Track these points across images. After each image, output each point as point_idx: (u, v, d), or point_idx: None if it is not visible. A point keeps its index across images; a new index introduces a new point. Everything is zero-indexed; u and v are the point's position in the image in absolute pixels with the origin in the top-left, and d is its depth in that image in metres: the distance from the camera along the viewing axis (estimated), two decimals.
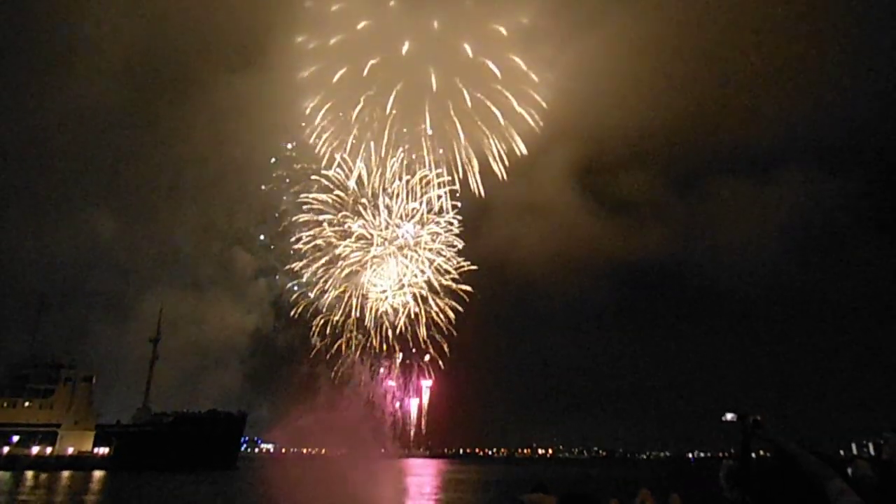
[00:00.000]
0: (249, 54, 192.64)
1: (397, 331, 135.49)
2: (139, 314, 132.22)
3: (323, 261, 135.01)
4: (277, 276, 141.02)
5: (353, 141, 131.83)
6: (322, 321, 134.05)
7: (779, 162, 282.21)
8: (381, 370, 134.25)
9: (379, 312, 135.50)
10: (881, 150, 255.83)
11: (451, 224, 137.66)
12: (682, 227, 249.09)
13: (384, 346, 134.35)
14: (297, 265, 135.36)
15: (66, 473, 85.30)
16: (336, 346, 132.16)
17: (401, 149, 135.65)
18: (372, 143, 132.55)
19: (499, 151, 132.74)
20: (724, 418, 4.25)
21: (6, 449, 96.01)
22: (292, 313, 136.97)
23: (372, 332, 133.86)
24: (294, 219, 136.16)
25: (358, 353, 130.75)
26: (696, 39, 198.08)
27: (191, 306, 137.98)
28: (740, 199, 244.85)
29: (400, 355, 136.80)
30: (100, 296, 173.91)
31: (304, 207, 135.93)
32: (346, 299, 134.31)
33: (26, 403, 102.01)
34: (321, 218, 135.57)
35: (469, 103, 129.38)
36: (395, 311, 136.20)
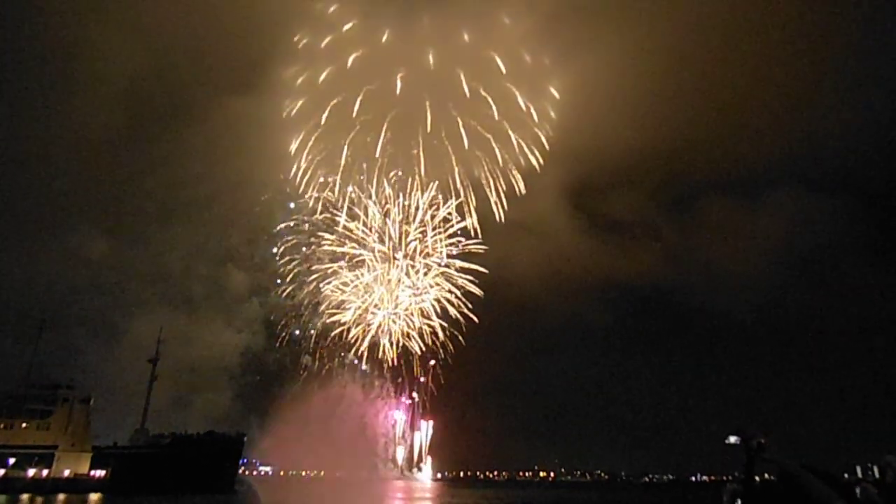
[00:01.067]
0: (246, 79, 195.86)
1: (391, 353, 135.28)
2: (130, 335, 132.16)
3: (315, 282, 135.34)
4: (270, 296, 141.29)
5: (346, 162, 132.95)
6: (314, 341, 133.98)
7: (769, 183, 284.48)
8: (375, 391, 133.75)
9: (373, 334, 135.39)
10: (871, 171, 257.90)
11: (449, 247, 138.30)
12: (675, 249, 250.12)
13: (375, 369, 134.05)
14: (289, 287, 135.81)
15: (62, 496, 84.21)
16: (328, 366, 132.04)
17: (394, 173, 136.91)
18: (364, 165, 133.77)
19: (497, 190, 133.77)
20: (727, 441, 4.24)
21: (2, 471, 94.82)
22: (284, 333, 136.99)
23: (365, 354, 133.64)
24: (287, 240, 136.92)
25: (349, 373, 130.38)
26: (688, 62, 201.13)
27: (182, 326, 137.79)
28: (732, 220, 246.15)
29: (389, 376, 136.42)
30: (90, 317, 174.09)
31: (296, 228, 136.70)
32: (338, 321, 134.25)
33: (23, 425, 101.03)
34: (313, 240, 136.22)
35: (464, 136, 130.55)
36: (390, 332, 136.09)
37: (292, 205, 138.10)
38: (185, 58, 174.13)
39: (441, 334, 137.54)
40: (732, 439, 4.17)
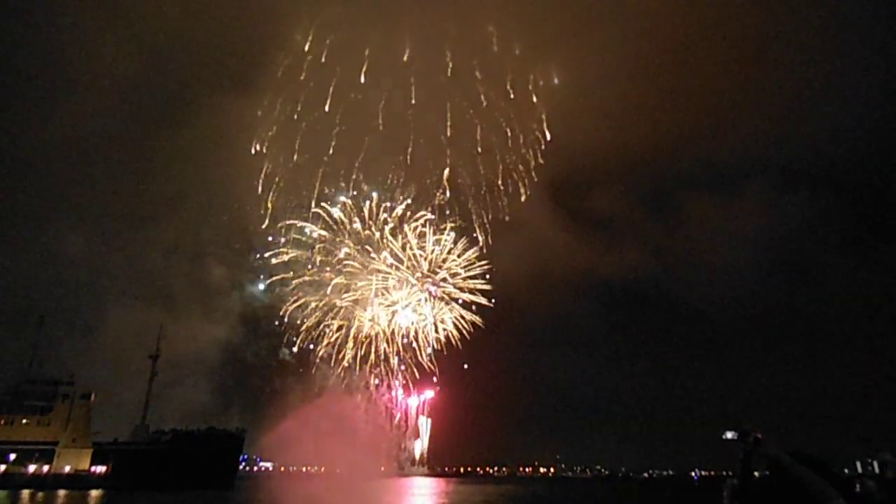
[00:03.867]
0: (236, 76, 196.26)
1: (372, 351, 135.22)
2: (111, 330, 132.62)
3: (300, 276, 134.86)
4: (249, 290, 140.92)
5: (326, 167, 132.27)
6: (295, 334, 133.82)
7: (746, 177, 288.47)
8: (355, 383, 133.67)
9: (358, 330, 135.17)
10: (844, 165, 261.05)
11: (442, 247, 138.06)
12: (656, 243, 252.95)
13: (360, 361, 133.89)
14: (269, 285, 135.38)
15: (62, 492, 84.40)
16: (306, 360, 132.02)
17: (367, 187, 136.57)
18: (342, 171, 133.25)
19: (481, 216, 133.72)
20: (724, 437, 4.19)
21: (3, 467, 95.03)
22: (263, 327, 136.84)
23: (347, 350, 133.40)
24: (262, 239, 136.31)
25: (328, 366, 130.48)
26: (667, 62, 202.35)
27: (163, 320, 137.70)
28: (710, 214, 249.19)
29: (369, 368, 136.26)
30: (70, 313, 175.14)
31: (276, 231, 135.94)
32: (324, 318, 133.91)
33: (24, 421, 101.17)
34: (299, 235, 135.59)
35: (448, 152, 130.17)
36: (376, 330, 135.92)
37: (269, 205, 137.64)
38: (175, 58, 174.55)
39: (425, 333, 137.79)
40: (729, 435, 4.11)
